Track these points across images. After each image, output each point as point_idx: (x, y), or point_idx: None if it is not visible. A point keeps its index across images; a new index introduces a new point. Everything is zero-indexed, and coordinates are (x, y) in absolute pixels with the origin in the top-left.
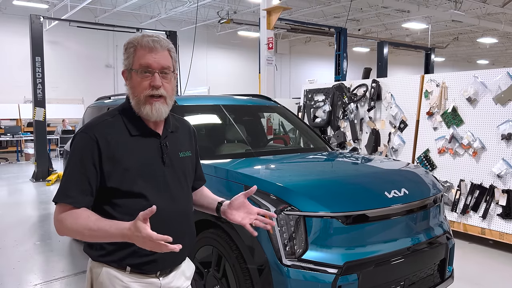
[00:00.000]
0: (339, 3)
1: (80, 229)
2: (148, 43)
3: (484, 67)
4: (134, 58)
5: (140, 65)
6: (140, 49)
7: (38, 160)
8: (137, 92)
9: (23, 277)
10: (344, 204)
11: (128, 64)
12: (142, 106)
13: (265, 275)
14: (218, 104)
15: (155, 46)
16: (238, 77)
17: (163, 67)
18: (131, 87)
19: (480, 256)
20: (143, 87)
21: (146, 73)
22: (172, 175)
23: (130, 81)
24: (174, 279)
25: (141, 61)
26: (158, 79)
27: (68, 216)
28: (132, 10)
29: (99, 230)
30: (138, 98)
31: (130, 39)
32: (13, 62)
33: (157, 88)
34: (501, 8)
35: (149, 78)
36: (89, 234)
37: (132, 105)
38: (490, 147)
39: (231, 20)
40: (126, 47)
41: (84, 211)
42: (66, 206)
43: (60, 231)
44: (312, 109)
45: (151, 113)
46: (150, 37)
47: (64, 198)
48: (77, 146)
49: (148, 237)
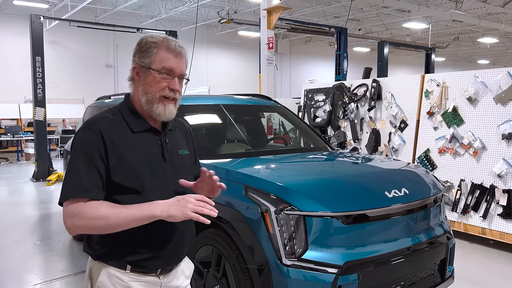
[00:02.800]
0: (339, 3)
1: (105, 214)
2: (176, 47)
3: (485, 67)
4: (156, 57)
5: (163, 67)
6: (165, 51)
7: (39, 160)
8: (153, 90)
9: (23, 277)
10: (344, 204)
11: (148, 62)
12: (156, 104)
13: (265, 275)
14: (218, 104)
15: (181, 52)
16: (238, 77)
17: (182, 74)
18: (145, 83)
19: (481, 256)
20: (160, 86)
21: (167, 75)
22: (173, 171)
23: (145, 78)
24: (174, 278)
25: (165, 64)
26: (177, 84)
27: (86, 207)
28: (133, 10)
29: (130, 208)
30: (153, 95)
31: (149, 37)
32: (14, 62)
33: (175, 92)
34: (501, 8)
35: (168, 80)
36: (115, 218)
37: (141, 102)
38: (490, 147)
39: (231, 20)
40: (146, 44)
41: (103, 202)
42: (81, 200)
43: (75, 227)
44: (313, 109)
45: (164, 113)
46: (176, 42)
47: (81, 192)
48: (82, 141)
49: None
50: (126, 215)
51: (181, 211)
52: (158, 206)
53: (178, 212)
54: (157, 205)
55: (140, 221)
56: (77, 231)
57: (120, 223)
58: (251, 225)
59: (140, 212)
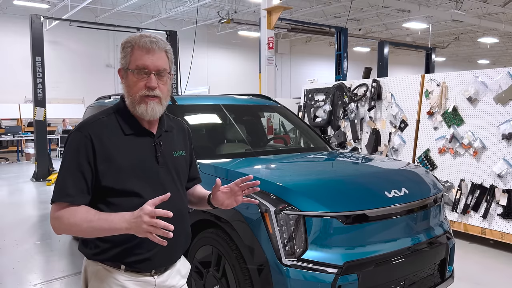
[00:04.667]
0: (339, 3)
1: (79, 222)
2: (146, 43)
3: (485, 67)
4: (131, 57)
5: (136, 66)
6: (137, 49)
7: (39, 160)
8: (133, 92)
9: (23, 276)
10: (344, 204)
11: (124, 63)
12: (137, 105)
13: (264, 275)
14: (219, 104)
15: (152, 47)
16: (239, 77)
17: (159, 69)
18: (126, 86)
19: (481, 256)
20: (138, 87)
21: (142, 74)
22: (166, 174)
23: (126, 80)
24: (169, 278)
25: (138, 62)
26: (154, 81)
27: (66, 213)
28: (133, 10)
29: (99, 220)
30: (133, 97)
31: (128, 38)
32: (14, 62)
33: (153, 89)
34: (501, 7)
35: (145, 78)
36: (87, 226)
37: (127, 104)
38: (490, 146)
39: (231, 20)
40: (123, 46)
41: (82, 207)
42: (64, 204)
43: (57, 229)
44: (313, 109)
45: (146, 112)
46: (148, 37)
47: (62, 197)
48: (71, 145)
49: (152, 213)
50: (96, 225)
51: (138, 231)
52: (123, 222)
53: (137, 232)
54: (123, 220)
55: (109, 232)
56: (60, 232)
57: (91, 232)
58: (251, 225)
59: (108, 224)
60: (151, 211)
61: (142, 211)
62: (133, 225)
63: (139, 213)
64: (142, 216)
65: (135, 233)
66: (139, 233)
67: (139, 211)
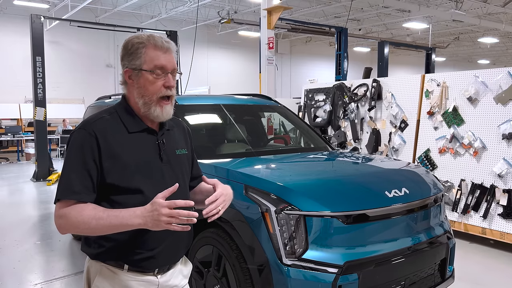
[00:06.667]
0: (339, 3)
1: (87, 220)
2: (162, 44)
3: (485, 67)
4: (145, 57)
5: (155, 66)
6: (152, 49)
7: (39, 160)
8: (149, 93)
9: (24, 276)
10: (344, 204)
11: (138, 64)
12: (153, 107)
13: (265, 275)
14: (219, 104)
15: (168, 47)
16: (239, 77)
17: (175, 68)
18: (139, 86)
19: (481, 256)
20: (156, 87)
21: (160, 74)
22: (170, 172)
23: (138, 81)
24: (172, 277)
25: (156, 62)
26: (172, 80)
27: (72, 210)
28: (133, 10)
29: (109, 217)
30: (150, 98)
31: (132, 38)
32: (14, 62)
33: (171, 89)
34: (502, 7)
35: (162, 78)
36: (96, 224)
37: (138, 105)
38: (491, 146)
39: (231, 20)
40: (134, 47)
41: (89, 204)
42: (70, 201)
43: (62, 229)
44: (313, 109)
45: (162, 115)
46: (161, 38)
47: (69, 194)
48: (76, 142)
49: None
50: (105, 223)
51: (155, 224)
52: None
53: (154, 226)
54: (136, 215)
55: (120, 228)
56: (65, 232)
57: (100, 229)
58: (251, 224)
59: (119, 221)
60: (169, 203)
61: (157, 204)
62: (149, 219)
63: (154, 207)
64: (159, 209)
65: (150, 227)
66: (156, 227)
67: (152, 204)
